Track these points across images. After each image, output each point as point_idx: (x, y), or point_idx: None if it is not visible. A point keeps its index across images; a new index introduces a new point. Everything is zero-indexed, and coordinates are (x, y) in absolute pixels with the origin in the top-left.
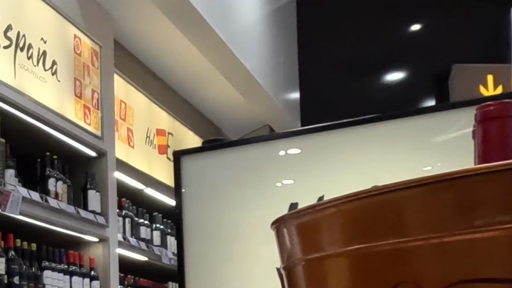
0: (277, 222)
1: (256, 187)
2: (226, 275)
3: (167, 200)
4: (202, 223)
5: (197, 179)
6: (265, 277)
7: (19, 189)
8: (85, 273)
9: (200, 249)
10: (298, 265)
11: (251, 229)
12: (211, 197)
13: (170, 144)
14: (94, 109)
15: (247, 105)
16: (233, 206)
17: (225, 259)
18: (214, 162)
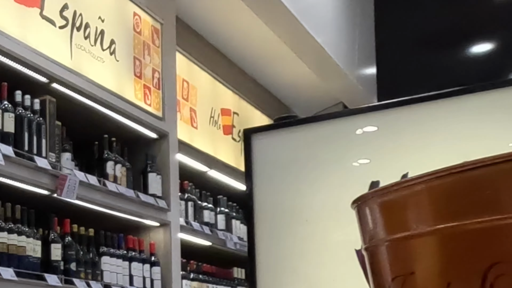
0: (358, 200)
1: (331, 167)
2: (298, 260)
3: (232, 182)
4: (273, 205)
5: (268, 158)
6: (338, 261)
7: (76, 173)
8: (145, 259)
9: (272, 232)
10: (381, 245)
11: (325, 211)
12: (283, 177)
13: (235, 124)
14: (155, 89)
15: (319, 82)
16: (306, 186)
17: (297, 243)
18: (286, 141)
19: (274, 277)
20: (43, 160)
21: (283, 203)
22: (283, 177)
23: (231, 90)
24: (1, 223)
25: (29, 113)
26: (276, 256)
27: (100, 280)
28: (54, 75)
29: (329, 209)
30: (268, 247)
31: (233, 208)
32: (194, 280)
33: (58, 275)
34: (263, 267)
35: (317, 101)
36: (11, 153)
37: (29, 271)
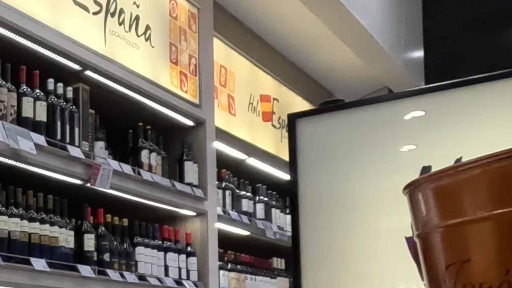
0: (410, 186)
1: (378, 153)
2: (345, 249)
3: (272, 170)
4: (319, 192)
5: (313, 144)
6: (388, 249)
7: (110, 162)
8: (181, 249)
9: (317, 221)
10: (435, 232)
11: (374, 198)
12: (328, 163)
13: (275, 111)
14: (192, 76)
15: (363, 66)
16: (352, 173)
17: (344, 232)
18: (332, 126)
19: (319, 267)
20: (76, 149)
21: (329, 190)
22: (328, 164)
23: (271, 75)
24: (33, 214)
25: (61, 102)
26: (322, 245)
27: (134, 271)
28: (88, 62)
29: (377, 196)
30: (313, 236)
31: (273, 197)
32: (231, 270)
33: (91, 266)
34: (307, 257)
35: (361, 86)
36: (43, 142)
37: (61, 262)
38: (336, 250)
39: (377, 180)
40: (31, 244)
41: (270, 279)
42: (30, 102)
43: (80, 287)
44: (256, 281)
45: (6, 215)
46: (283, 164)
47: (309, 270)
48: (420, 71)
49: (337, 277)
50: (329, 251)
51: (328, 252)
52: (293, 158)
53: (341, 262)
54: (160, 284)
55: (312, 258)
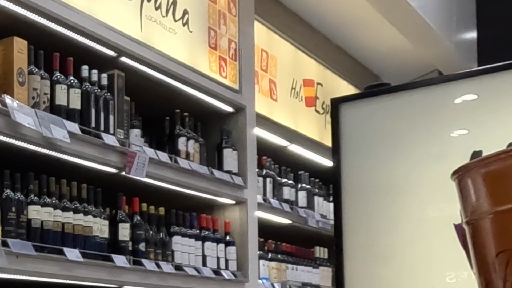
0: (459, 171)
1: (426, 138)
2: (390, 236)
3: (315, 157)
4: (362, 178)
5: (357, 129)
6: (435, 237)
7: (146, 149)
8: (220, 238)
9: (361, 208)
10: (485, 218)
11: (419, 184)
12: (373, 149)
13: (319, 96)
14: (231, 61)
15: (412, 48)
16: (398, 158)
17: (387, 219)
18: (377, 110)
19: (363, 255)
20: (111, 137)
21: (373, 177)
22: (373, 149)
23: (315, 59)
24: (67, 203)
25: (96, 89)
26: (365, 233)
27: (170, 261)
28: (123, 48)
29: (424, 183)
30: (356, 224)
31: (316, 184)
32: (272, 260)
33: (126, 256)
34: (350, 245)
35: (410, 69)
36: (77, 130)
37: (95, 252)
38: (381, 238)
39: (424, 165)
40: (65, 234)
41: (312, 268)
42: (64, 89)
43: (115, 277)
44: (297, 270)
45: (39, 204)
46: (327, 151)
47: (352, 259)
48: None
49: (381, 266)
50: (373, 239)
51: (372, 240)
52: (336, 143)
53: (386, 250)
54: (198, 274)
55: (355, 246)
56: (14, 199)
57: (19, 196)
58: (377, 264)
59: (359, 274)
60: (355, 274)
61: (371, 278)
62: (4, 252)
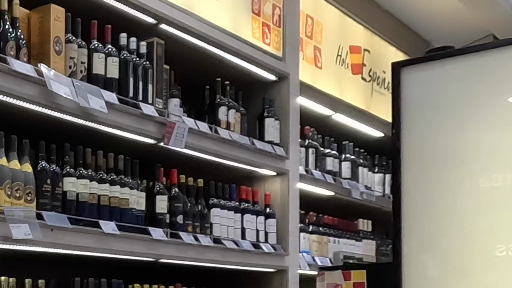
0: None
1: (490, 104)
2: (448, 206)
3: (360, 126)
4: (423, 145)
5: (419, 94)
6: (496, 205)
7: (185, 119)
8: (259, 211)
9: (420, 175)
10: None
11: (482, 151)
12: (435, 115)
13: (366, 63)
14: (275, 27)
15: (465, 12)
16: (461, 125)
17: (448, 188)
18: (439, 75)
19: (421, 225)
20: (149, 106)
21: (434, 144)
22: (434, 115)
23: (362, 25)
24: (103, 175)
25: (134, 57)
26: (425, 202)
27: (209, 234)
28: (163, 15)
29: (485, 150)
30: (415, 193)
31: (360, 155)
32: (313, 233)
33: (164, 229)
34: (409, 215)
35: (462, 34)
36: (114, 100)
37: (132, 225)
38: (440, 207)
39: (488, 133)
40: (100, 206)
41: (355, 241)
42: (102, 58)
43: (152, 250)
44: (339, 243)
45: (74, 176)
46: (373, 120)
47: (410, 228)
48: None
49: (439, 235)
50: (432, 209)
51: (432, 209)
52: (396, 110)
53: (445, 219)
54: (237, 247)
55: (414, 216)
56: (49, 171)
57: (54, 168)
58: (435, 233)
59: (417, 242)
60: (414, 242)
61: (429, 247)
62: (39, 225)
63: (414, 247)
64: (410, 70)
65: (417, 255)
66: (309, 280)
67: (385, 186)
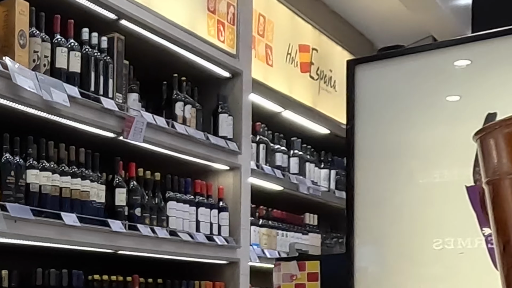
0: (482, 132)
1: (438, 101)
2: (396, 201)
3: (307, 123)
4: (375, 141)
5: (371, 91)
6: (446, 199)
7: (143, 114)
8: (213, 204)
9: (373, 169)
10: (504, 179)
11: (433, 147)
12: (386, 111)
13: (314, 61)
14: (229, 25)
15: (407, 14)
16: (408, 122)
17: (396, 183)
18: (391, 73)
19: (374, 216)
20: (110, 101)
21: (384, 140)
22: (386, 112)
23: (311, 24)
24: (65, 167)
25: (96, 52)
26: (376, 195)
27: (165, 226)
28: (123, 11)
29: (437, 145)
30: (368, 185)
31: (308, 151)
32: (263, 226)
33: (122, 221)
34: (361, 209)
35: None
36: (76, 94)
37: (92, 217)
38: (389, 201)
39: (432, 129)
40: (62, 198)
41: (302, 235)
42: (64, 52)
43: (111, 242)
44: (287, 237)
45: (37, 168)
46: (320, 117)
47: (362, 219)
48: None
49: (389, 228)
50: (385, 201)
51: (382, 203)
52: (350, 105)
53: (394, 213)
54: (191, 239)
55: (365, 209)
56: (13, 163)
57: (18, 160)
58: (386, 224)
59: (369, 232)
60: (365, 233)
61: (379, 239)
62: (2, 216)
63: (366, 239)
64: (363, 68)
65: (368, 247)
66: (258, 272)
67: (330, 181)
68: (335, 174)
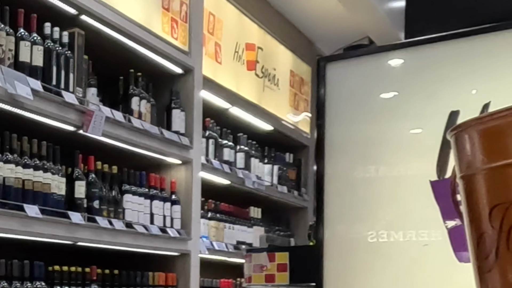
0: (458, 128)
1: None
2: (368, 193)
3: (253, 120)
4: (346, 137)
5: (341, 89)
6: (411, 193)
7: (102, 108)
8: (166, 197)
9: (342, 165)
10: (479, 173)
11: (399, 143)
12: (354, 108)
13: (259, 60)
14: (182, 23)
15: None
16: (377, 118)
17: (365, 175)
18: (360, 70)
19: (342, 211)
20: (71, 95)
21: (356, 135)
22: (354, 109)
23: (257, 24)
24: (28, 160)
25: (57, 46)
26: (344, 191)
27: (122, 218)
28: (83, 6)
29: (402, 140)
30: (336, 181)
31: (253, 147)
32: (211, 219)
33: (82, 213)
34: (331, 203)
35: (342, 36)
36: (39, 88)
37: (53, 209)
38: (358, 193)
39: (402, 125)
40: (25, 190)
41: (247, 228)
42: (28, 46)
43: (71, 234)
44: (234, 229)
45: (1, 161)
46: (264, 114)
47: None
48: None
49: (357, 218)
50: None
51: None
52: (321, 102)
53: (364, 206)
54: (146, 231)
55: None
56: None
57: None
58: (355, 218)
59: (337, 220)
60: (332, 226)
61: (347, 231)
62: None
63: (334, 230)
64: (333, 66)
65: (337, 237)
66: (207, 264)
67: (273, 176)
68: (278, 169)
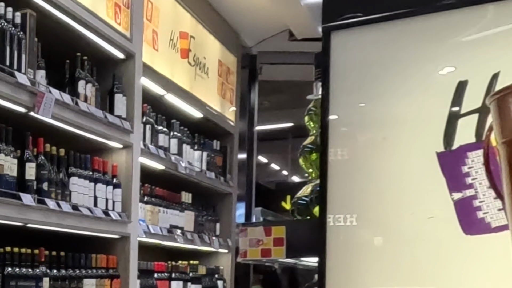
0: (500, 92)
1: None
2: (373, 167)
3: (186, 107)
4: (350, 110)
5: (347, 59)
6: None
7: (52, 90)
8: (109, 181)
9: (347, 138)
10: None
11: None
12: (361, 80)
13: (191, 48)
14: (125, 8)
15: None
16: (387, 91)
17: (373, 150)
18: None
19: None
20: (23, 76)
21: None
22: (362, 80)
23: (189, 13)
24: None
25: (11, 27)
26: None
27: (68, 201)
28: None
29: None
30: (342, 154)
31: (184, 133)
32: (147, 203)
33: (32, 195)
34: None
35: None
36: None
37: (6, 190)
38: (364, 167)
39: (411, 99)
40: None
41: (179, 212)
42: None
43: (22, 215)
44: (167, 214)
45: None
46: (195, 102)
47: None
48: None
49: (362, 192)
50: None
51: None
52: (326, 73)
53: (370, 182)
54: (91, 214)
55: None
56: None
57: None
58: (363, 193)
59: (342, 196)
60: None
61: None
62: None
63: (339, 204)
64: (340, 34)
65: (342, 212)
66: (144, 247)
67: (202, 162)
68: (206, 155)
